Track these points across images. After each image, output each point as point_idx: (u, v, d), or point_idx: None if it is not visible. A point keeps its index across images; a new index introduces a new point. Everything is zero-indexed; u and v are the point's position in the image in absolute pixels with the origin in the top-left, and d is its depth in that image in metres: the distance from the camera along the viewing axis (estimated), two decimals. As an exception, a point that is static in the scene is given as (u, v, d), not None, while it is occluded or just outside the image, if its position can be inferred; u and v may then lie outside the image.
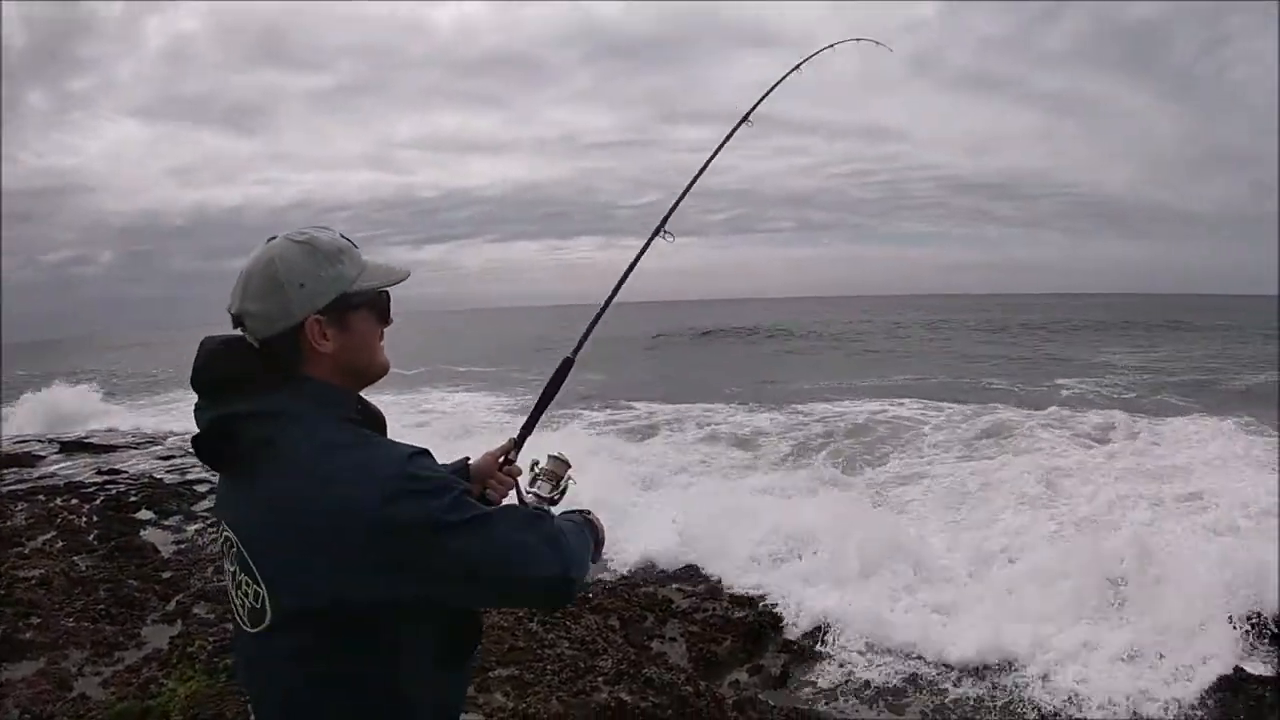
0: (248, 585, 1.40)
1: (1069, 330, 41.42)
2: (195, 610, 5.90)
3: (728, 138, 2.71)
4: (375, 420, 1.56)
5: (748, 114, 2.76)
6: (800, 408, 16.80)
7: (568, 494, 1.94)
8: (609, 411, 16.79)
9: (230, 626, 5.13)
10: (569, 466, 1.95)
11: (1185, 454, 11.49)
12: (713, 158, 2.67)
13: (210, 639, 5.20)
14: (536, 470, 1.94)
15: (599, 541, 1.69)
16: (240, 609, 1.44)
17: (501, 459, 1.99)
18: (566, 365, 2.19)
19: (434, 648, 1.46)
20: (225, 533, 1.48)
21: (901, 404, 17.10)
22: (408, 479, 1.33)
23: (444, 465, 1.84)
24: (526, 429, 2.08)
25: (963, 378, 23.50)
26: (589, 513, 1.74)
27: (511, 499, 1.93)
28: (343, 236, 1.54)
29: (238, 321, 1.47)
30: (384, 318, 1.57)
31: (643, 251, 2.41)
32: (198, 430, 1.44)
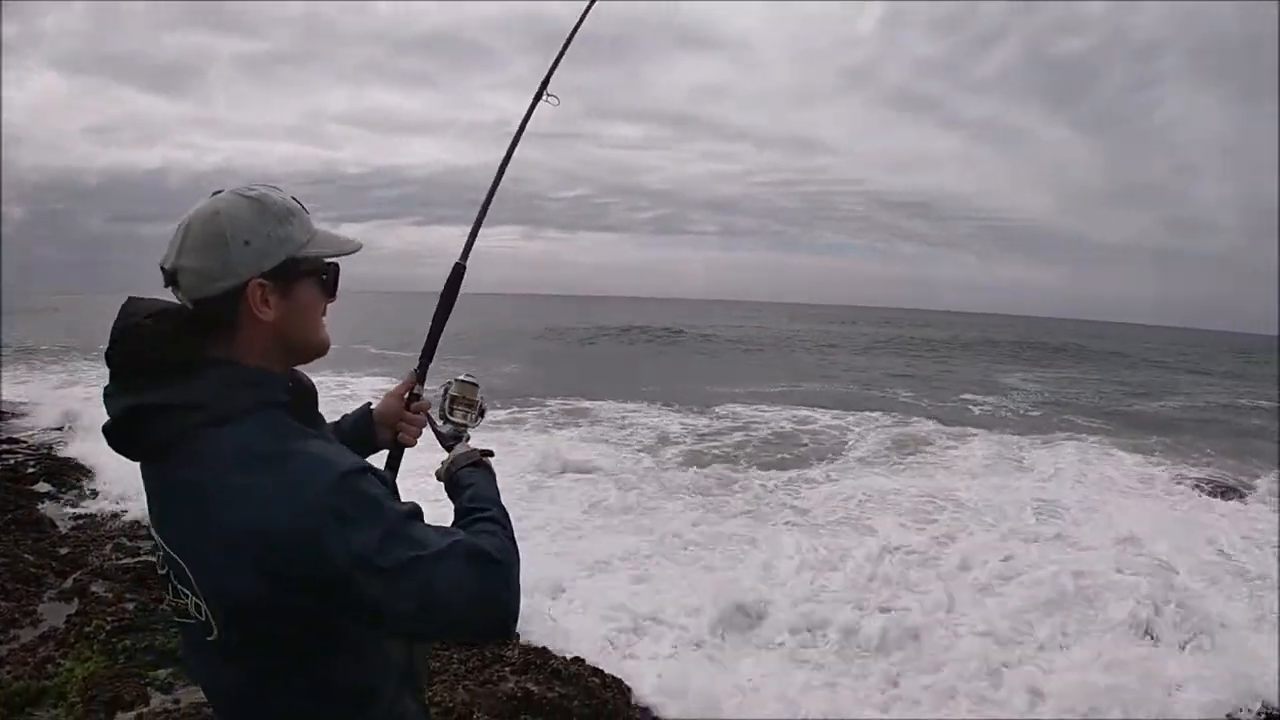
0: (186, 596, 1.29)
1: (979, 348, 43.03)
2: (93, 588, 5.75)
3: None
4: (307, 395, 1.46)
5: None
6: (719, 410, 17.24)
7: (485, 415, 1.85)
8: (515, 409, 16.44)
9: (129, 607, 5.12)
10: (478, 387, 1.85)
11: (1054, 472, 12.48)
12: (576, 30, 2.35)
13: (109, 618, 5.10)
14: (447, 398, 1.82)
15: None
16: (184, 618, 1.33)
17: (406, 395, 1.84)
18: (459, 273, 1.97)
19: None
20: (153, 532, 1.38)
21: (804, 411, 17.68)
22: (335, 506, 1.19)
23: (345, 416, 1.84)
24: (426, 356, 1.90)
25: (870, 389, 24.34)
26: (486, 459, 1.69)
27: (427, 437, 1.84)
28: (294, 199, 1.41)
29: (171, 278, 1.32)
30: (330, 291, 1.45)
31: (527, 118, 2.21)
32: (110, 417, 1.31)
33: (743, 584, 6.79)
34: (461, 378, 1.85)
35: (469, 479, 1.61)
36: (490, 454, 1.72)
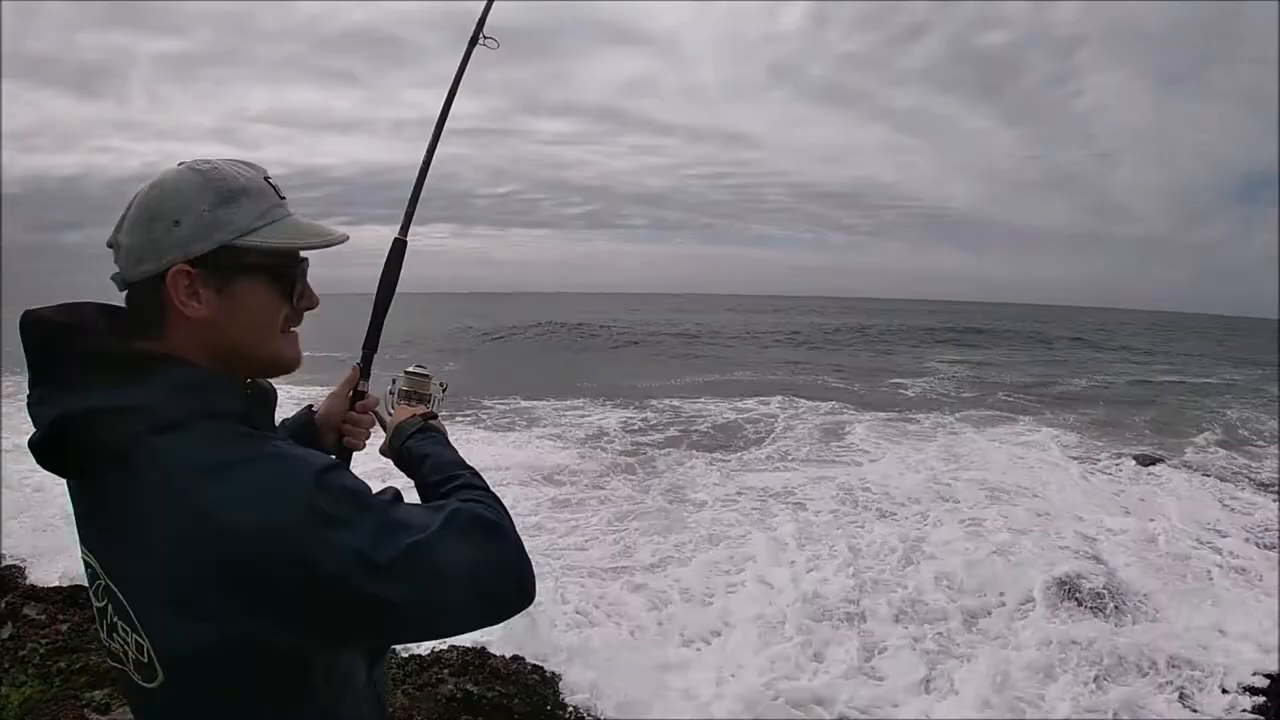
0: (126, 633, 1.09)
1: (907, 334, 43.93)
2: (26, 611, 5.57)
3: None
4: (264, 399, 1.25)
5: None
6: (654, 403, 17.40)
7: (440, 406, 1.69)
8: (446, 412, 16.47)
9: (63, 628, 4.96)
10: (430, 378, 1.69)
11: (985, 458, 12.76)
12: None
13: (43, 641, 4.95)
14: (395, 393, 1.67)
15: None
16: (123, 657, 1.12)
17: (350, 393, 1.65)
18: (399, 248, 1.74)
19: (358, 658, 1.23)
20: (88, 559, 1.16)
21: (740, 401, 17.95)
22: (316, 510, 1.01)
23: (283, 422, 1.56)
24: (369, 347, 1.71)
25: (799, 376, 24.77)
26: (438, 422, 1.57)
27: (378, 437, 1.66)
28: (267, 180, 1.19)
29: (113, 255, 1.16)
30: (287, 293, 1.21)
31: (463, 66, 2.01)
32: (35, 430, 1.09)
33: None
34: (410, 369, 1.68)
35: (422, 448, 1.47)
36: (433, 415, 1.58)
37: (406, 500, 1.22)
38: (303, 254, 1.23)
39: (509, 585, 1.17)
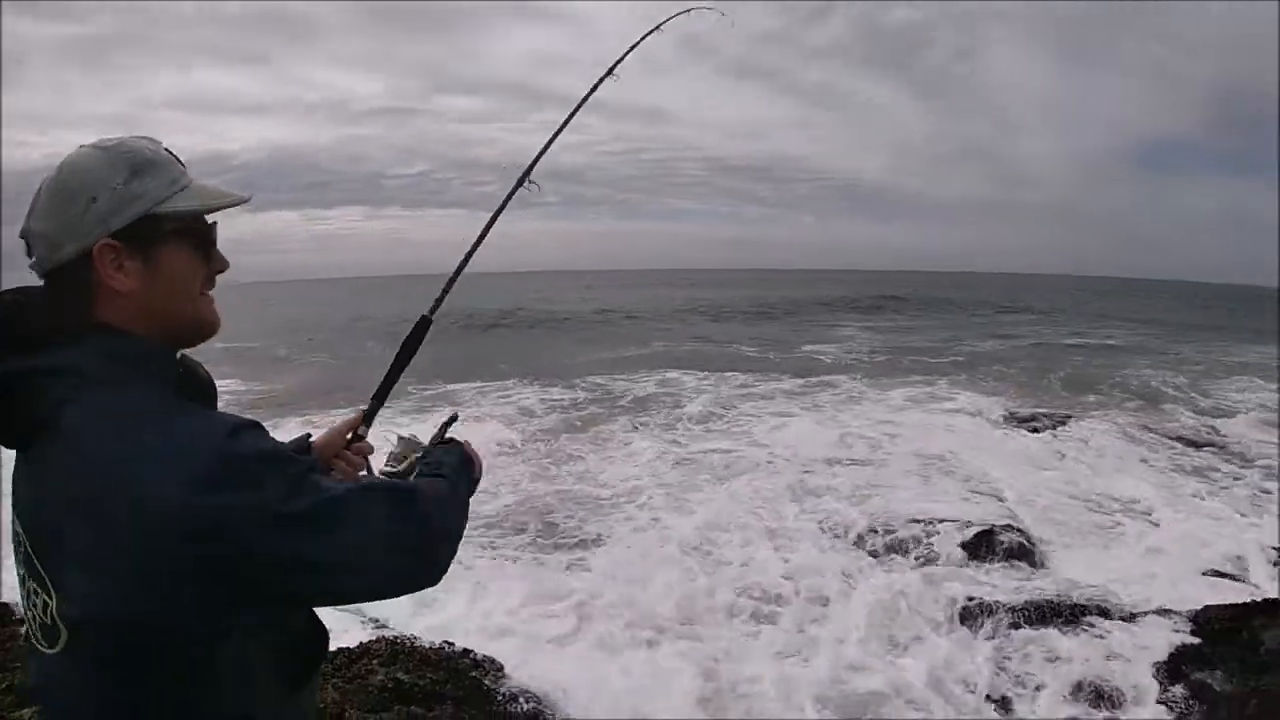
0: (36, 594, 1.08)
1: (822, 305, 44.79)
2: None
3: (592, 90, 2.46)
4: (202, 387, 1.25)
5: (612, 68, 2.49)
6: (578, 380, 17.48)
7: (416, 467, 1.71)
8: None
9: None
10: (417, 446, 1.73)
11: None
12: (579, 107, 2.42)
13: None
14: (390, 452, 1.72)
15: (476, 479, 1.53)
16: (33, 623, 1.11)
17: (350, 434, 1.71)
18: (424, 325, 1.86)
19: (271, 661, 1.15)
20: (15, 526, 1.14)
21: (665, 374, 18.27)
22: (229, 461, 1.01)
23: (282, 444, 1.44)
24: (378, 400, 1.78)
25: (708, 344, 25.24)
26: (465, 445, 1.58)
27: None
28: (167, 151, 1.21)
29: (26, 248, 1.16)
30: (207, 256, 1.22)
31: (506, 201, 2.16)
32: None
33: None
34: (404, 434, 1.74)
35: (437, 454, 1.52)
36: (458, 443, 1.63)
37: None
38: (210, 218, 1.24)
39: (420, 552, 1.19)
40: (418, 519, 1.19)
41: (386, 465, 1.69)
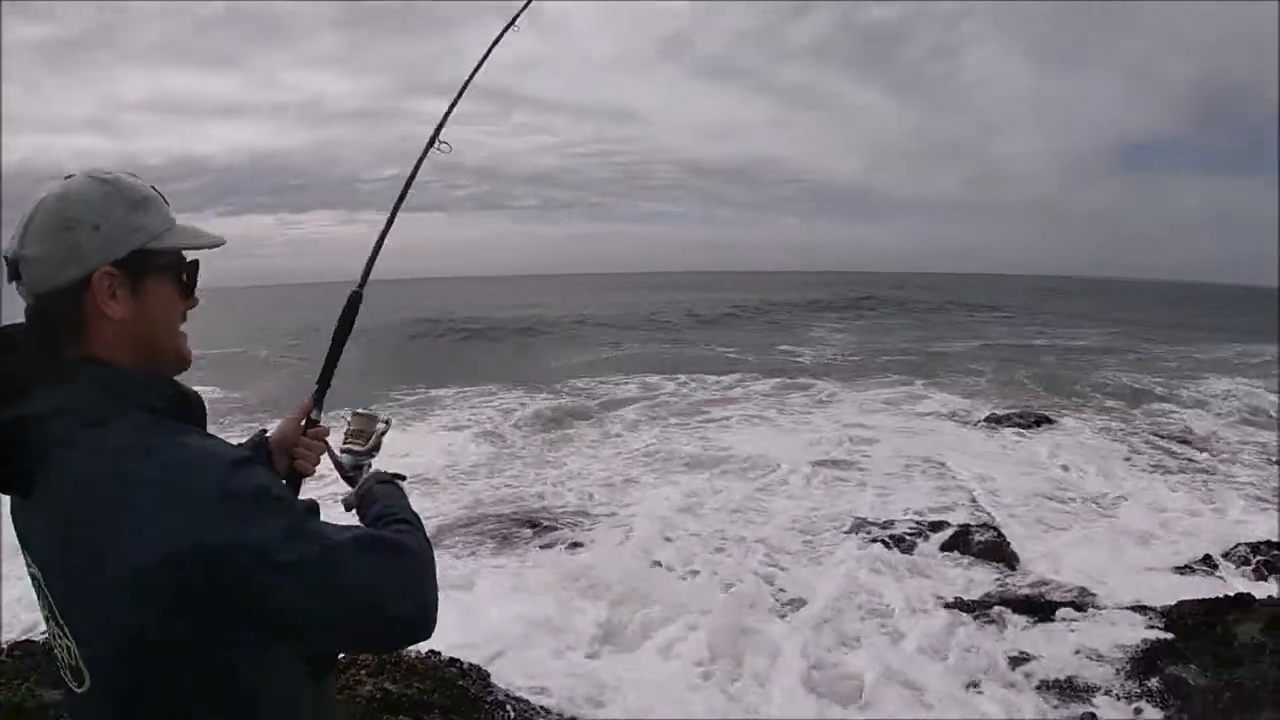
0: (59, 637, 1.11)
1: (798, 307, 44.95)
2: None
3: (495, 42, 2.41)
4: (190, 405, 1.24)
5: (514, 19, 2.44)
6: (560, 385, 17.59)
7: (383, 446, 1.77)
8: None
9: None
10: (377, 419, 1.78)
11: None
12: (483, 61, 2.37)
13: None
14: (346, 430, 1.75)
15: None
16: (62, 666, 1.13)
17: (303, 421, 1.73)
18: (356, 300, 1.89)
19: (287, 674, 1.17)
20: (33, 571, 1.17)
21: (647, 378, 18.40)
22: (226, 500, 1.03)
23: (240, 444, 1.54)
24: (323, 382, 1.81)
25: (700, 350, 25.46)
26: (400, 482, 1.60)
27: (326, 464, 1.73)
28: (153, 188, 1.25)
29: (13, 269, 1.17)
30: (187, 291, 1.27)
31: (418, 166, 2.17)
32: None
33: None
34: (360, 410, 1.79)
35: (376, 495, 1.53)
36: (402, 477, 1.64)
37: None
38: (194, 256, 1.30)
39: (409, 608, 1.18)
40: (413, 577, 1.21)
41: (346, 444, 1.73)
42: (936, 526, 7.77)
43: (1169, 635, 5.41)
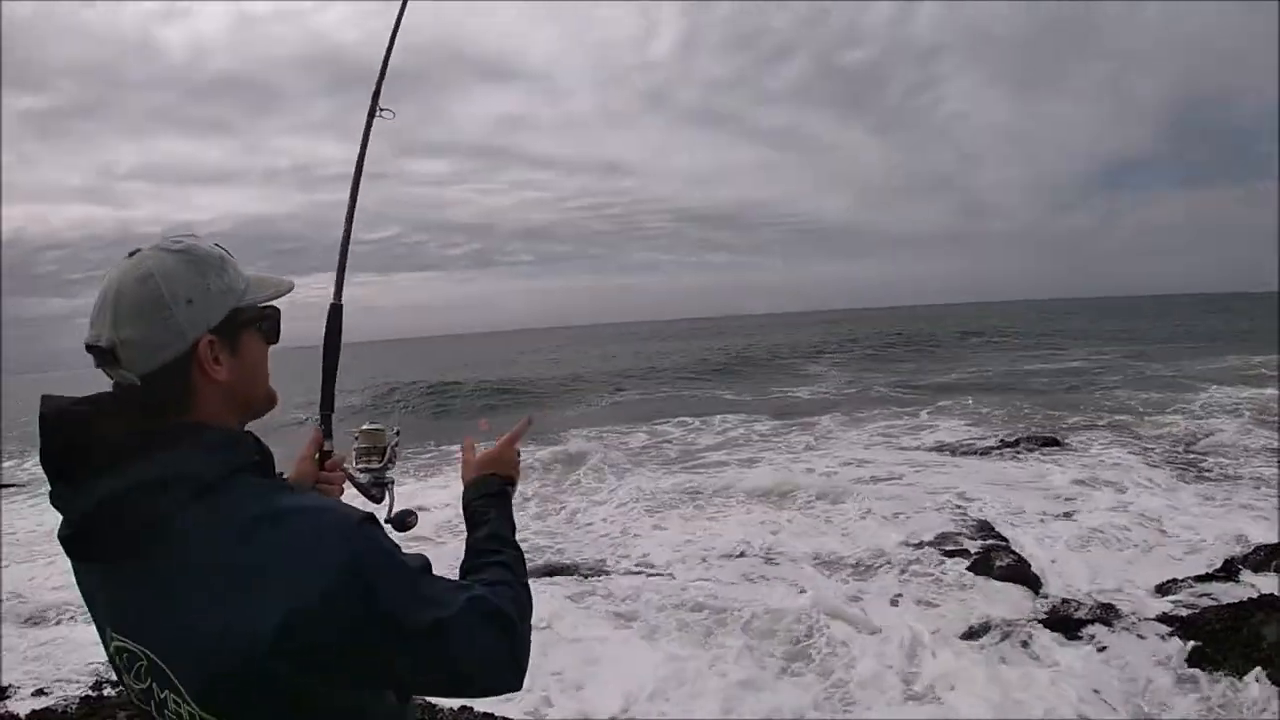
0: (179, 704, 1.10)
1: (793, 348, 45.05)
2: None
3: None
4: (266, 455, 1.27)
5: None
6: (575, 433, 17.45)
7: (397, 454, 1.76)
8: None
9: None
10: (385, 432, 1.76)
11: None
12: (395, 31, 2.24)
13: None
14: (356, 448, 1.73)
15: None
16: None
17: (316, 454, 1.71)
18: (336, 312, 1.87)
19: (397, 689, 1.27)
20: (122, 644, 1.16)
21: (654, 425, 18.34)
22: (355, 566, 1.07)
23: None
24: (326, 408, 1.80)
25: (698, 393, 25.55)
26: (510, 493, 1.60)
27: (350, 492, 1.72)
28: (218, 245, 1.28)
29: (106, 356, 1.15)
30: (272, 337, 1.32)
31: (365, 138, 2.08)
32: (68, 520, 1.13)
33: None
34: (365, 426, 1.76)
35: (485, 514, 1.52)
36: (513, 483, 1.63)
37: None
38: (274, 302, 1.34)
39: (507, 677, 1.23)
40: (517, 648, 1.25)
41: (359, 464, 1.72)
42: (954, 553, 7.78)
43: (1196, 642, 5.40)
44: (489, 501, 1.55)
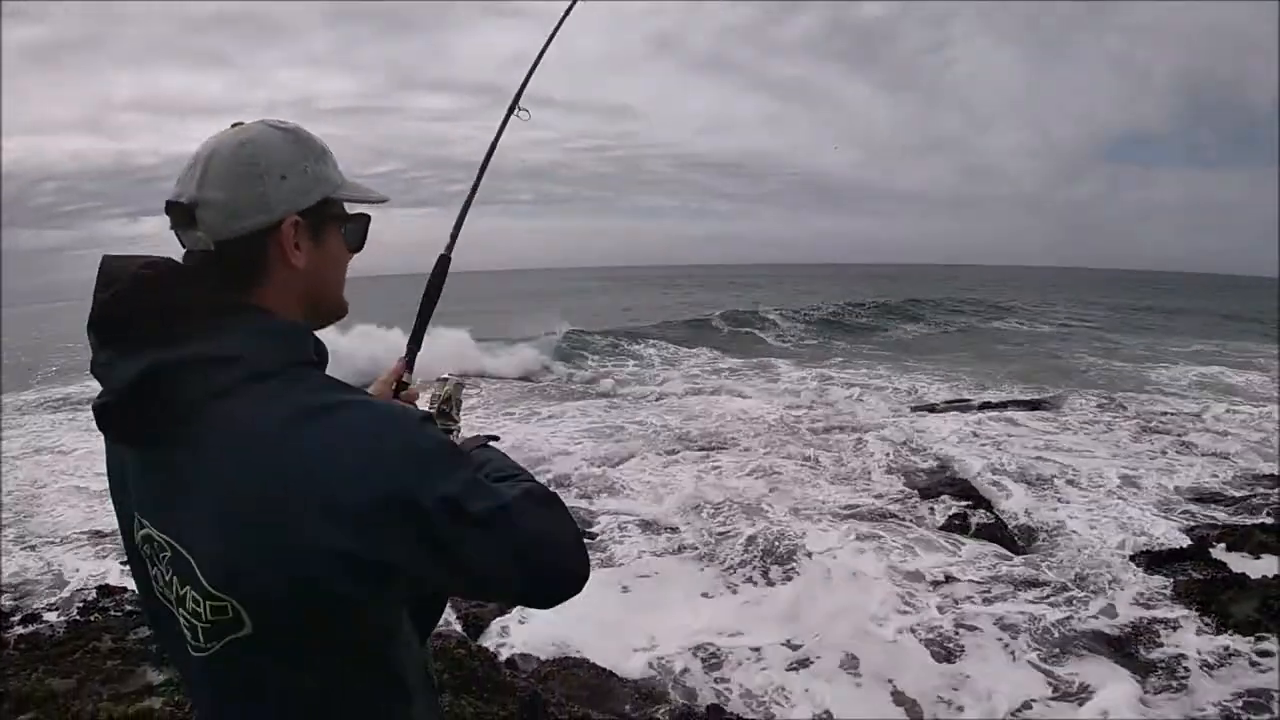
0: (200, 600, 1.06)
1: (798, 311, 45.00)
2: None
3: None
4: (325, 362, 1.21)
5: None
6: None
7: (463, 407, 1.76)
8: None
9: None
10: (462, 385, 1.77)
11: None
12: (551, 39, 2.29)
13: None
14: (442, 396, 1.73)
15: None
16: (187, 627, 1.10)
17: (394, 385, 1.68)
18: (444, 263, 1.86)
19: (409, 616, 1.24)
20: (149, 532, 1.12)
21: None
22: (419, 453, 1.04)
23: None
24: (414, 343, 1.77)
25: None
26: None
27: None
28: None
29: (185, 215, 1.11)
30: (356, 244, 1.28)
31: (500, 131, 2.11)
32: (110, 389, 1.06)
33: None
34: (445, 375, 1.76)
35: (488, 456, 1.43)
36: (495, 439, 1.58)
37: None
38: (364, 209, 1.30)
39: (575, 562, 1.15)
40: (573, 526, 1.17)
41: (433, 408, 1.70)
42: (934, 508, 7.94)
43: (1169, 614, 5.52)
44: (480, 451, 1.47)
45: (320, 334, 1.23)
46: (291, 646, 1.08)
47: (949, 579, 6.31)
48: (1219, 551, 6.66)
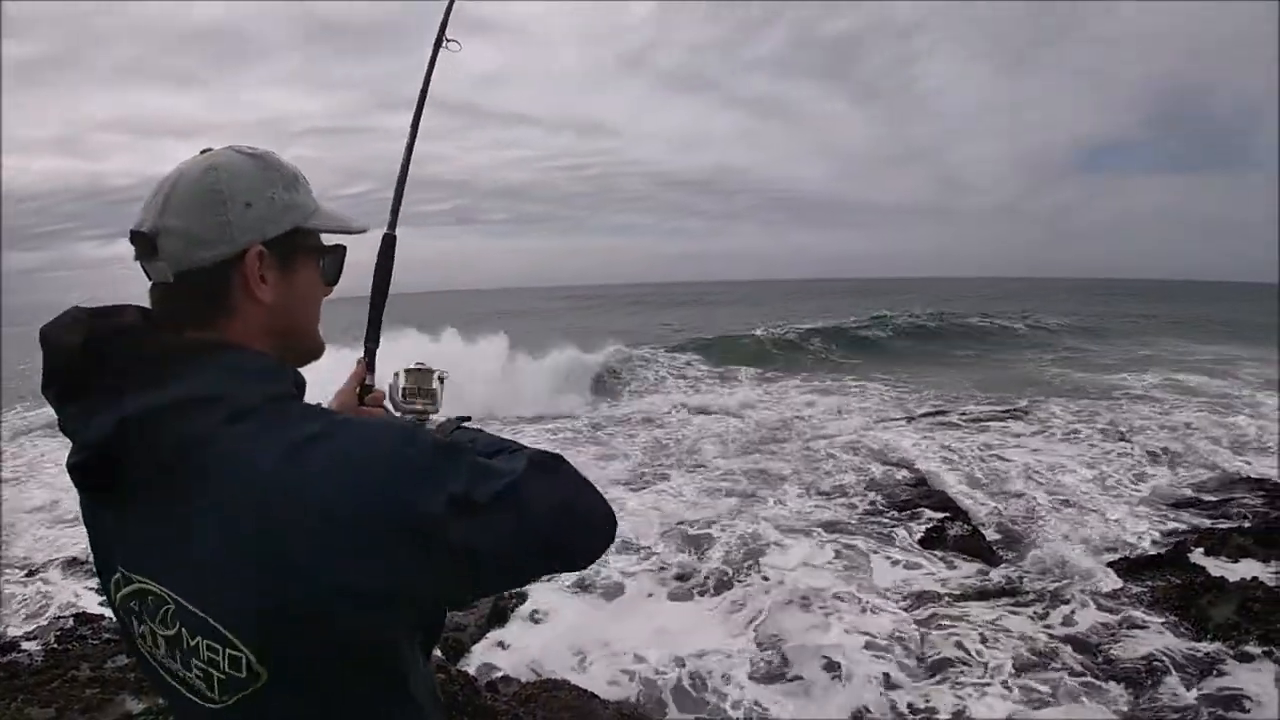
0: (208, 649, 0.99)
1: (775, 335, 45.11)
2: None
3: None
4: (303, 392, 1.15)
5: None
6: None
7: (445, 397, 1.64)
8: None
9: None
10: (433, 373, 1.63)
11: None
12: None
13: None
14: (399, 390, 1.61)
15: None
16: (200, 678, 1.02)
17: (358, 388, 1.60)
18: (390, 243, 1.74)
19: (418, 637, 1.18)
20: (143, 585, 1.04)
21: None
22: (410, 464, 0.99)
23: None
24: (371, 340, 1.69)
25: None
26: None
27: None
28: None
29: (147, 245, 1.06)
30: (331, 277, 1.22)
31: (430, 70, 1.96)
32: (85, 444, 0.99)
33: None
34: (411, 366, 1.62)
35: (466, 438, 1.38)
36: (468, 418, 1.54)
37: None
38: (339, 240, 1.25)
39: (599, 515, 1.12)
40: (580, 479, 1.13)
41: (406, 402, 1.60)
42: (910, 521, 7.98)
43: (1148, 618, 5.56)
44: (458, 434, 1.45)
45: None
46: (313, 689, 1.02)
47: (926, 591, 6.34)
48: (1197, 556, 6.67)
